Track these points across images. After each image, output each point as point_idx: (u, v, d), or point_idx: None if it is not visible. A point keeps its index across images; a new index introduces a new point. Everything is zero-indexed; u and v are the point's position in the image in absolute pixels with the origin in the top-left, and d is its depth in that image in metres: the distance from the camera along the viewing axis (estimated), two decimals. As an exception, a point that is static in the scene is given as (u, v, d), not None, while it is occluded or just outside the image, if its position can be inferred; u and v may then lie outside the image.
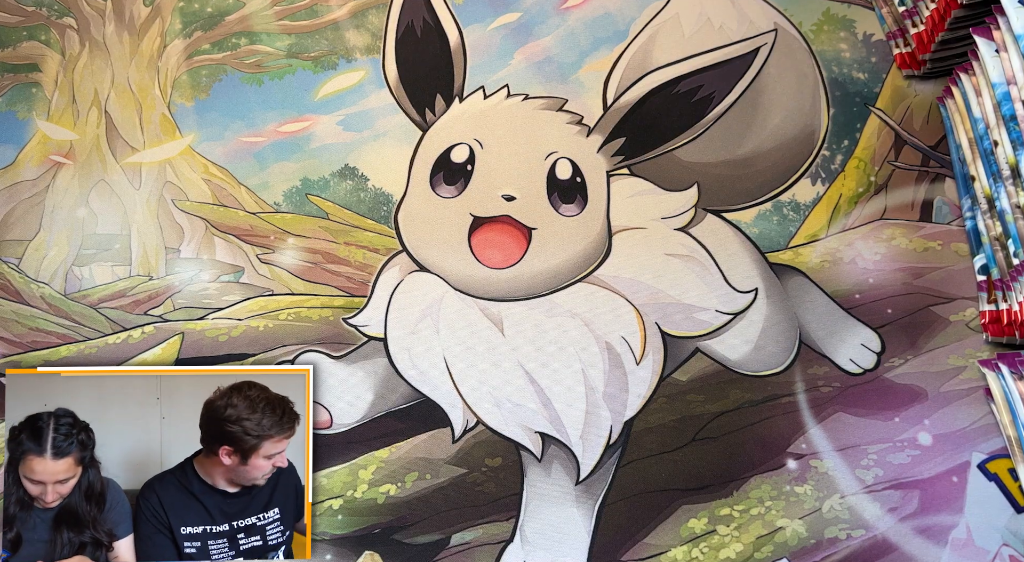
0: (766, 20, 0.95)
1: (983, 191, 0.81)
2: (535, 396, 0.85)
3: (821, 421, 0.84)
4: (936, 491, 0.81)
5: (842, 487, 0.82)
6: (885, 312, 0.86)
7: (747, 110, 0.92)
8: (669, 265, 0.88)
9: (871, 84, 0.93)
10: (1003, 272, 0.79)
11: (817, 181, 0.91)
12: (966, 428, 0.83)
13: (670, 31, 0.95)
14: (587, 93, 0.94)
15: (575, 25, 0.96)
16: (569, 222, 0.90)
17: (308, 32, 0.98)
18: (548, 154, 0.91)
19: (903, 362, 0.85)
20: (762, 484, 0.82)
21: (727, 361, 0.86)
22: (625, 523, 0.82)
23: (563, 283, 0.88)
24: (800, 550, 0.80)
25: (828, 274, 0.88)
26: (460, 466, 0.85)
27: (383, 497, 0.84)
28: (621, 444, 0.84)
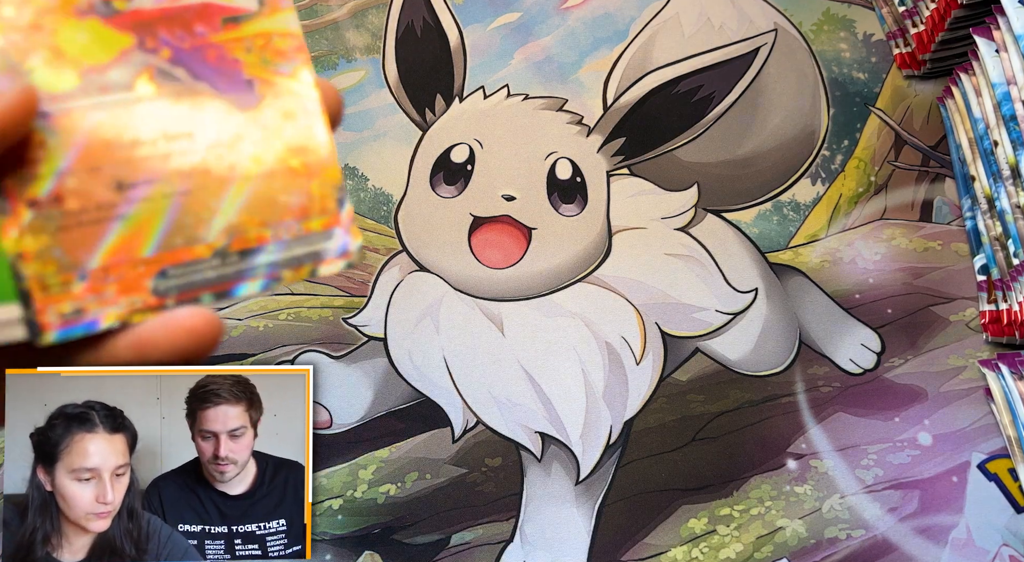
0: (766, 20, 0.95)
1: (983, 191, 0.81)
2: (535, 396, 0.85)
3: (821, 421, 0.84)
4: (936, 491, 0.81)
5: (842, 487, 0.82)
6: (885, 312, 0.86)
7: (747, 110, 0.92)
8: (669, 265, 0.88)
9: (871, 84, 0.93)
10: (1003, 272, 0.79)
11: (817, 181, 0.91)
12: (966, 428, 0.83)
13: (670, 31, 0.95)
14: (587, 93, 0.94)
15: (575, 25, 0.96)
16: (569, 222, 0.90)
17: (308, 32, 0.97)
18: (548, 154, 0.91)
19: (903, 362, 0.85)
20: (762, 484, 0.82)
21: (727, 361, 0.86)
22: (625, 523, 0.82)
23: (563, 283, 0.88)
24: (800, 550, 0.80)
25: (828, 274, 0.88)
26: (460, 466, 0.85)
27: (383, 497, 0.84)
28: (621, 444, 0.84)
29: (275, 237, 0.27)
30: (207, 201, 0.27)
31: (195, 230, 0.26)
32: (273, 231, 0.27)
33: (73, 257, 0.25)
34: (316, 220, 0.28)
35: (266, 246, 0.27)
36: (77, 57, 0.26)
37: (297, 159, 0.28)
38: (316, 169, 0.28)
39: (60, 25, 0.26)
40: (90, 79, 0.26)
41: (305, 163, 0.28)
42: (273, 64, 0.28)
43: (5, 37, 0.25)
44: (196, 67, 0.27)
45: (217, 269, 0.27)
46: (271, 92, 0.28)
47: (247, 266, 0.27)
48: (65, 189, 0.25)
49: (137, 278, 0.26)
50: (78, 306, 0.25)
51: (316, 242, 0.28)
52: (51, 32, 0.26)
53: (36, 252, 0.25)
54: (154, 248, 0.26)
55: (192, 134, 0.27)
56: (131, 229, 0.26)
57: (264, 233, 0.27)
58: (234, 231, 0.27)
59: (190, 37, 0.27)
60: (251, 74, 0.28)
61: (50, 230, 0.25)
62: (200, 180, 0.26)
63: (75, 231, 0.25)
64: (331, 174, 0.28)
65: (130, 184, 0.26)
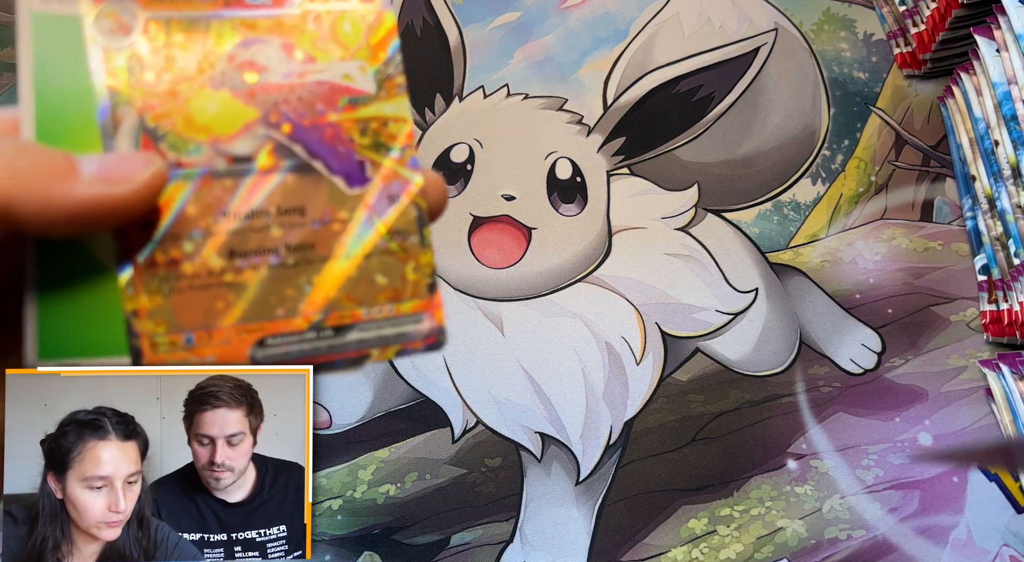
0: (766, 20, 0.94)
1: (984, 191, 0.81)
2: (535, 396, 0.85)
3: (821, 421, 0.83)
4: (936, 491, 0.81)
5: (842, 487, 0.82)
6: (886, 312, 0.86)
7: (747, 110, 0.92)
8: (669, 265, 0.88)
9: (871, 84, 0.93)
10: (1004, 272, 0.79)
11: (817, 181, 0.90)
12: (967, 428, 0.83)
13: (670, 31, 0.95)
14: (587, 93, 0.94)
15: (575, 24, 0.96)
16: (569, 222, 0.89)
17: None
18: (548, 154, 0.91)
19: (904, 362, 0.85)
20: (762, 484, 0.82)
21: (727, 361, 0.86)
22: (625, 523, 0.82)
23: (563, 283, 0.88)
24: (800, 550, 0.80)
25: (828, 274, 0.88)
26: (460, 466, 0.84)
27: (382, 497, 0.84)
28: (621, 444, 0.84)
29: (368, 316, 0.28)
30: (309, 275, 0.28)
31: (295, 303, 0.28)
32: (367, 310, 0.28)
33: (182, 319, 0.27)
34: (407, 303, 0.29)
35: (359, 324, 0.28)
36: (206, 126, 0.27)
37: (396, 242, 0.29)
38: (413, 253, 0.29)
39: (195, 94, 0.27)
40: (216, 148, 0.27)
41: (403, 246, 0.29)
42: (385, 147, 0.29)
43: (144, 101, 0.27)
44: (313, 144, 0.28)
45: (311, 342, 0.28)
46: (379, 175, 0.29)
47: (339, 342, 0.28)
48: (182, 253, 0.27)
49: (239, 345, 0.27)
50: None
51: (405, 324, 0.29)
52: (186, 100, 0.27)
53: (150, 311, 0.27)
54: (256, 317, 0.27)
55: (303, 209, 0.28)
56: (237, 297, 0.27)
57: (358, 311, 0.28)
58: (331, 307, 0.28)
59: (311, 114, 0.28)
60: (363, 155, 0.29)
61: (164, 291, 0.27)
62: (305, 255, 0.28)
63: (186, 294, 0.27)
64: (426, 259, 0.29)
65: (241, 253, 0.27)
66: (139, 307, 0.26)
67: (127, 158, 0.26)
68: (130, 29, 0.27)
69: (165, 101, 0.27)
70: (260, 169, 0.28)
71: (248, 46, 0.28)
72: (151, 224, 0.26)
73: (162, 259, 0.27)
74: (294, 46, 0.28)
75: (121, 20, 0.27)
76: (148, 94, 0.27)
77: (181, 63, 0.27)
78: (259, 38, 0.28)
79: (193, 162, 0.27)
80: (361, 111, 0.29)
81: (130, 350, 0.27)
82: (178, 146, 0.27)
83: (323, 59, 0.29)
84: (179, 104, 0.27)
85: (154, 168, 0.25)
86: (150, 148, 0.27)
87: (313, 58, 0.29)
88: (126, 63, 0.27)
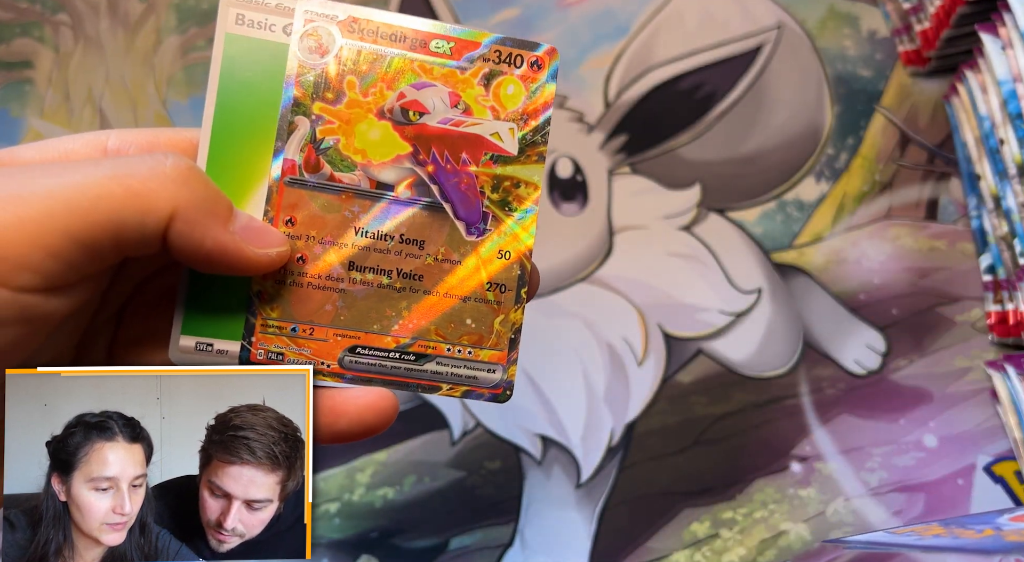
0: (769, 16, 0.94)
1: (989, 190, 0.80)
2: (535, 398, 0.84)
3: (825, 423, 0.83)
4: (942, 494, 0.80)
5: (847, 490, 0.81)
6: (890, 312, 0.85)
7: (750, 107, 0.91)
8: (672, 265, 0.87)
9: (876, 81, 0.92)
10: (1009, 272, 0.79)
11: (821, 179, 0.90)
12: (972, 430, 0.82)
13: (672, 28, 0.94)
14: (588, 90, 0.93)
15: (576, 21, 0.95)
16: (570, 221, 0.88)
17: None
18: (548, 152, 0.90)
19: (908, 363, 0.84)
20: (765, 487, 0.81)
21: (730, 363, 0.85)
22: (627, 527, 0.81)
23: (563, 283, 0.87)
24: (804, 554, 0.79)
25: (833, 274, 0.87)
26: (459, 469, 0.83)
27: (380, 500, 0.83)
28: (623, 447, 0.83)
29: (449, 352, 0.32)
30: (410, 302, 0.31)
31: (391, 323, 0.31)
32: (449, 347, 0.32)
33: (294, 310, 0.31)
34: (487, 351, 0.32)
35: (439, 357, 0.32)
36: (363, 149, 0.31)
37: (493, 294, 0.32)
38: (505, 308, 0.32)
39: (362, 119, 0.31)
40: (366, 171, 0.31)
41: (499, 299, 0.32)
42: (510, 207, 0.32)
43: (319, 115, 0.31)
44: (448, 188, 0.31)
45: (393, 362, 0.31)
46: (498, 230, 0.32)
47: (417, 368, 0.32)
48: (311, 255, 0.31)
49: (333, 346, 0.31)
50: (281, 350, 0.31)
51: (480, 370, 0.32)
52: (353, 122, 0.31)
53: (270, 295, 0.31)
54: (355, 326, 0.31)
55: (423, 243, 0.31)
56: (345, 304, 0.31)
57: (441, 345, 0.32)
58: (419, 335, 0.31)
59: (454, 161, 0.32)
60: (489, 209, 0.32)
61: (287, 282, 0.31)
62: (412, 283, 0.31)
63: (304, 291, 0.31)
64: (515, 317, 0.32)
65: (360, 267, 0.31)
66: (263, 289, 0.31)
67: (270, 231, 0.30)
68: (327, 51, 0.30)
69: (336, 120, 0.31)
70: (397, 198, 0.31)
71: (420, 88, 0.31)
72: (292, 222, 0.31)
73: (295, 255, 0.31)
74: (459, 97, 0.31)
75: (321, 42, 0.30)
76: (324, 110, 0.30)
77: (359, 90, 0.31)
78: (431, 83, 0.31)
79: (343, 179, 0.31)
80: (499, 169, 0.32)
81: (244, 324, 0.31)
82: (335, 161, 0.31)
83: (480, 114, 0.32)
84: (347, 125, 0.31)
85: (284, 249, 0.30)
86: (312, 157, 0.30)
87: (471, 111, 0.31)
88: (314, 79, 0.30)
